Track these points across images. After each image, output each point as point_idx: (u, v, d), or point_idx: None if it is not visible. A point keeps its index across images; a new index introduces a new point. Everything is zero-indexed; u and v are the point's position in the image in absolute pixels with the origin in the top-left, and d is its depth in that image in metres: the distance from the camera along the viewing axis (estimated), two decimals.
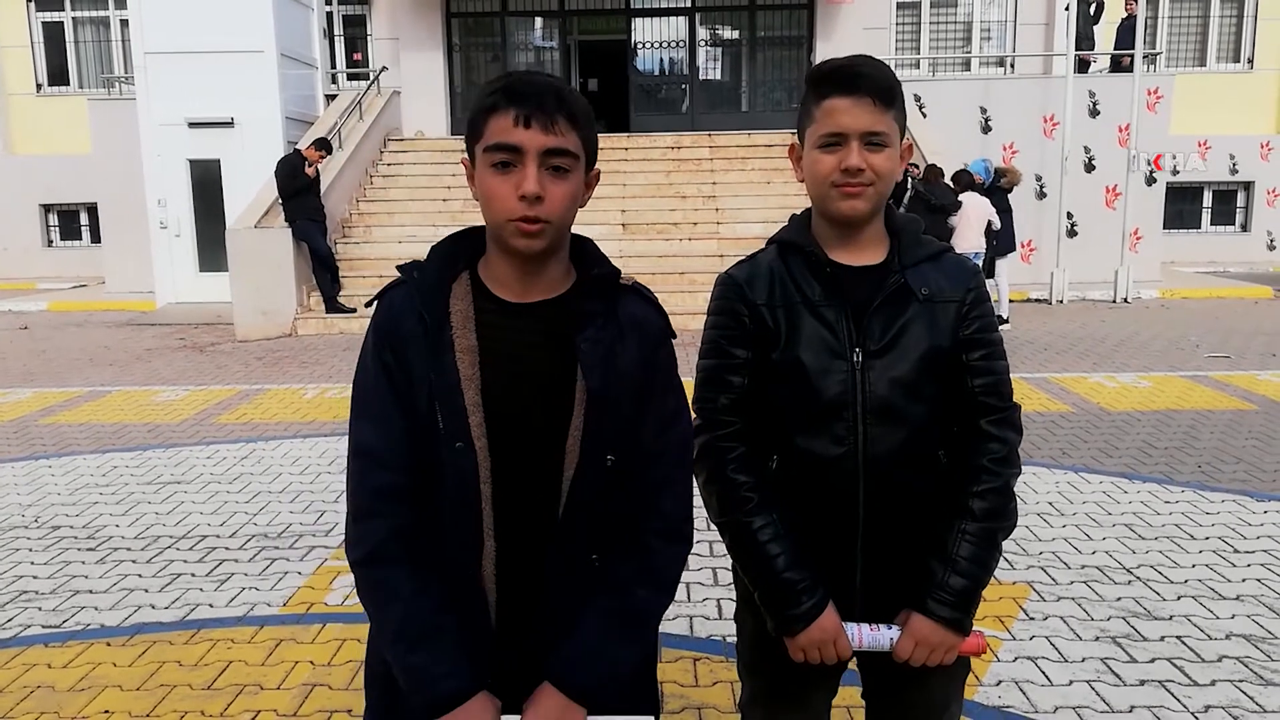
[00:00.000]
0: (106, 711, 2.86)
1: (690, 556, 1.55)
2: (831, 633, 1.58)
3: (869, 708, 1.84)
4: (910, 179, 9.71)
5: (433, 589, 1.39)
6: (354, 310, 10.57)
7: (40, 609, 3.60)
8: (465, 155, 1.44)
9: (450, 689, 1.35)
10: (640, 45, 15.45)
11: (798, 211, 1.72)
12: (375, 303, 1.45)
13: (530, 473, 1.40)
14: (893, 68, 1.62)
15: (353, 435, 1.44)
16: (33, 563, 4.06)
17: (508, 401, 1.39)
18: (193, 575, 3.89)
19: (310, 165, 10.51)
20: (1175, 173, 13.40)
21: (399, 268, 1.45)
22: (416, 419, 1.39)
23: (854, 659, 1.68)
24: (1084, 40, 13.30)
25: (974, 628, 1.62)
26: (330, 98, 13.89)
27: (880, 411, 1.58)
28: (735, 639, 1.88)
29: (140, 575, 3.90)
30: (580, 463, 1.40)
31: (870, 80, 1.53)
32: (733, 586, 1.88)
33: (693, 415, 1.66)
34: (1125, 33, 13.29)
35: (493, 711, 1.36)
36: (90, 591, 3.75)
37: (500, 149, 1.33)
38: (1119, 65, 13.38)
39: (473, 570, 1.41)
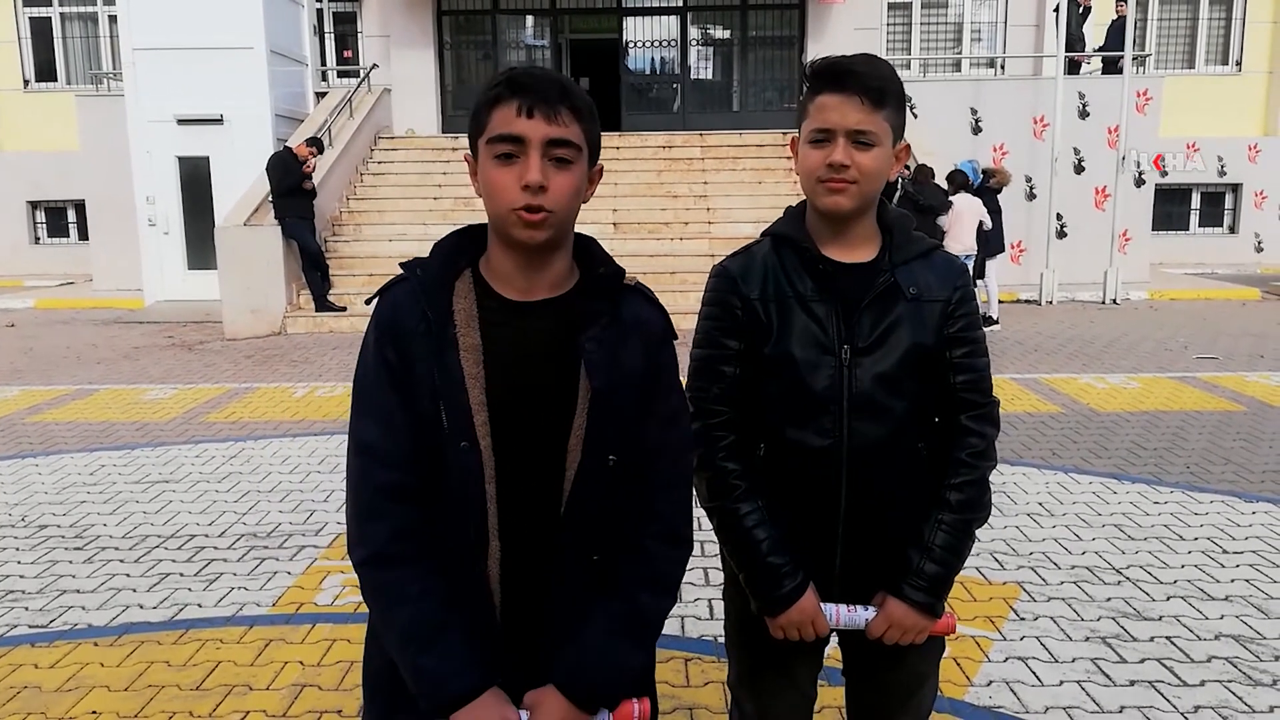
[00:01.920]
0: (94, 712, 2.84)
1: None
2: (810, 613, 1.66)
3: (849, 685, 1.91)
4: (900, 179, 9.72)
5: (439, 589, 1.38)
6: (344, 309, 10.53)
7: (27, 609, 3.57)
8: (468, 151, 1.44)
9: (461, 688, 1.35)
10: (632, 44, 15.45)
11: (792, 206, 1.76)
12: (376, 299, 1.44)
13: (533, 472, 1.40)
14: None
15: (354, 433, 1.43)
16: (20, 562, 4.03)
17: (512, 400, 1.39)
18: (181, 575, 3.87)
19: (307, 172, 10.45)
20: (1164, 174, 13.47)
21: (402, 265, 1.44)
22: (419, 417, 1.38)
23: (835, 636, 1.77)
24: (1075, 42, 13.35)
25: (946, 610, 1.70)
26: (320, 95, 13.85)
27: (865, 406, 1.63)
28: (724, 640, 1.94)
29: (128, 575, 3.88)
30: (582, 462, 1.40)
31: (861, 79, 1.55)
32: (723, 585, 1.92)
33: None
34: (1115, 34, 13.34)
35: (505, 705, 1.37)
36: (78, 591, 3.72)
37: (503, 140, 1.33)
38: (1110, 66, 13.43)
39: (479, 569, 1.40)
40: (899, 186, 9.67)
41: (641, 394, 1.43)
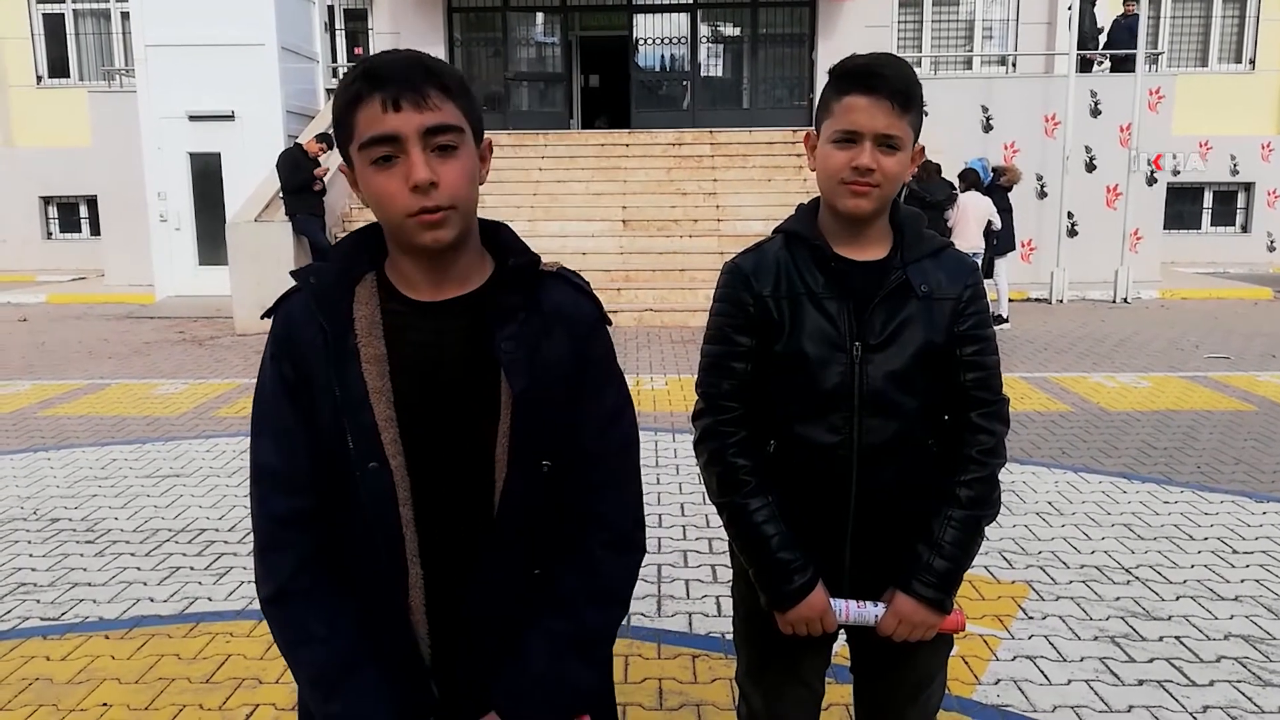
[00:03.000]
0: (105, 704, 2.86)
1: (690, 554, 1.56)
2: (819, 609, 1.66)
3: (857, 682, 1.90)
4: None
5: (349, 626, 1.27)
6: None
7: (39, 601, 3.60)
8: (342, 163, 1.29)
9: None
10: (642, 41, 15.42)
11: (804, 203, 1.76)
12: (271, 315, 1.32)
13: (457, 489, 1.28)
14: None
15: (252, 456, 1.31)
16: (31, 555, 4.05)
17: (425, 413, 1.26)
18: (191, 568, 3.89)
19: (319, 170, 10.47)
20: (1176, 173, 13.39)
21: (292, 273, 1.33)
22: (322, 437, 1.26)
23: (842, 632, 1.77)
24: (1088, 40, 13.29)
25: (955, 606, 1.69)
26: (331, 91, 13.85)
27: (876, 403, 1.63)
28: (732, 635, 1.95)
29: (139, 568, 3.90)
30: (511, 472, 1.28)
31: (891, 82, 1.55)
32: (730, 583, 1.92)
33: (696, 399, 1.74)
34: (1121, 31, 13.25)
35: None
36: (89, 584, 3.75)
37: (377, 142, 1.19)
38: (1118, 64, 13.35)
39: (398, 601, 1.28)
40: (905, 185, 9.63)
41: (572, 391, 1.31)
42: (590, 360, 1.34)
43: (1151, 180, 12.96)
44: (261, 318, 1.36)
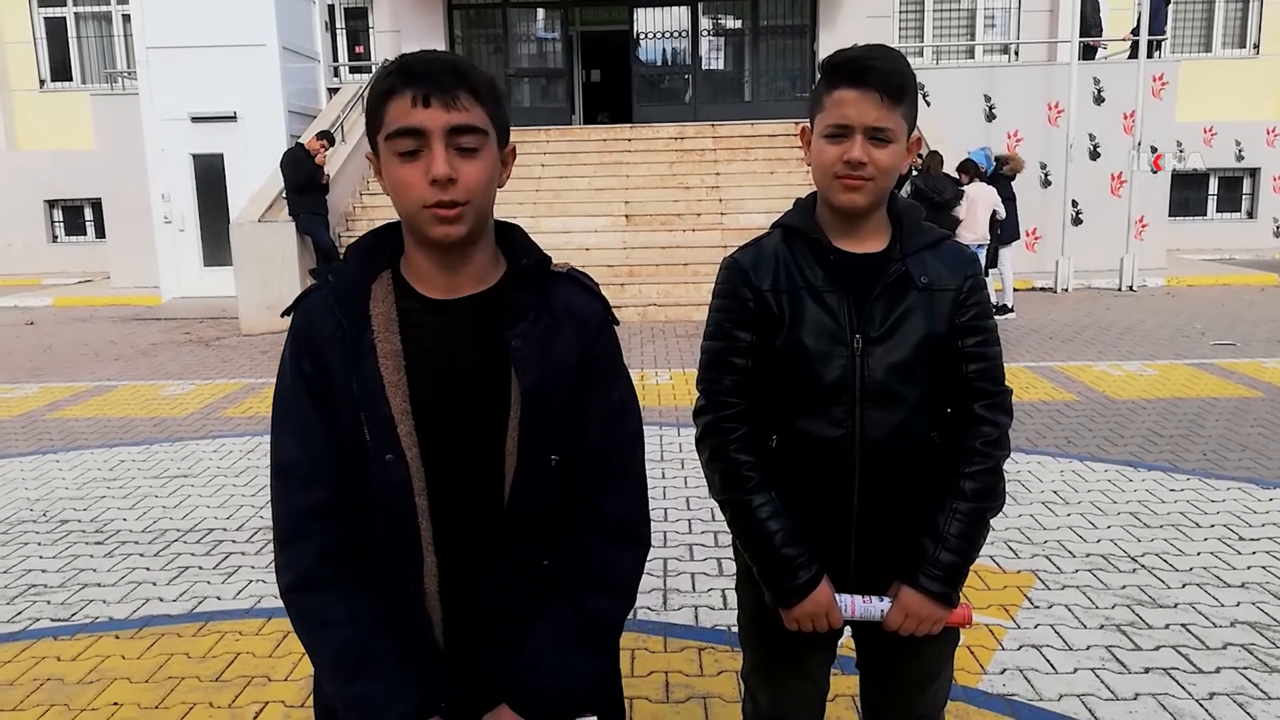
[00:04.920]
0: (115, 703, 2.88)
1: (695, 547, 1.57)
2: (825, 605, 1.66)
3: (863, 677, 1.90)
4: (911, 168, 9.64)
5: (368, 612, 1.32)
6: None
7: (49, 602, 3.62)
8: (369, 151, 1.35)
9: (395, 717, 1.29)
10: (642, 35, 15.39)
11: (801, 197, 1.76)
12: (292, 312, 1.37)
13: (469, 480, 1.33)
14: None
15: (274, 451, 1.36)
16: (41, 556, 4.08)
17: (438, 407, 1.31)
18: (200, 568, 3.91)
19: (319, 164, 10.48)
20: (1181, 160, 13.31)
21: (311, 271, 1.37)
22: (341, 430, 1.31)
23: (848, 627, 1.76)
24: (1090, 27, 13.22)
25: (961, 600, 1.69)
26: (333, 91, 13.87)
27: (878, 396, 1.63)
28: (738, 632, 1.94)
29: (148, 568, 3.92)
30: (520, 465, 1.32)
31: (880, 75, 1.55)
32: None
33: (697, 395, 1.73)
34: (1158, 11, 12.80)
35: None
36: (98, 585, 3.77)
37: (403, 134, 1.25)
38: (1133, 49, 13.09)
39: (414, 587, 1.33)
40: (909, 180, 9.59)
41: (579, 388, 1.36)
42: (597, 358, 1.38)
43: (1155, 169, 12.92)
44: (281, 315, 1.40)
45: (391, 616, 1.33)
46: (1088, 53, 13.38)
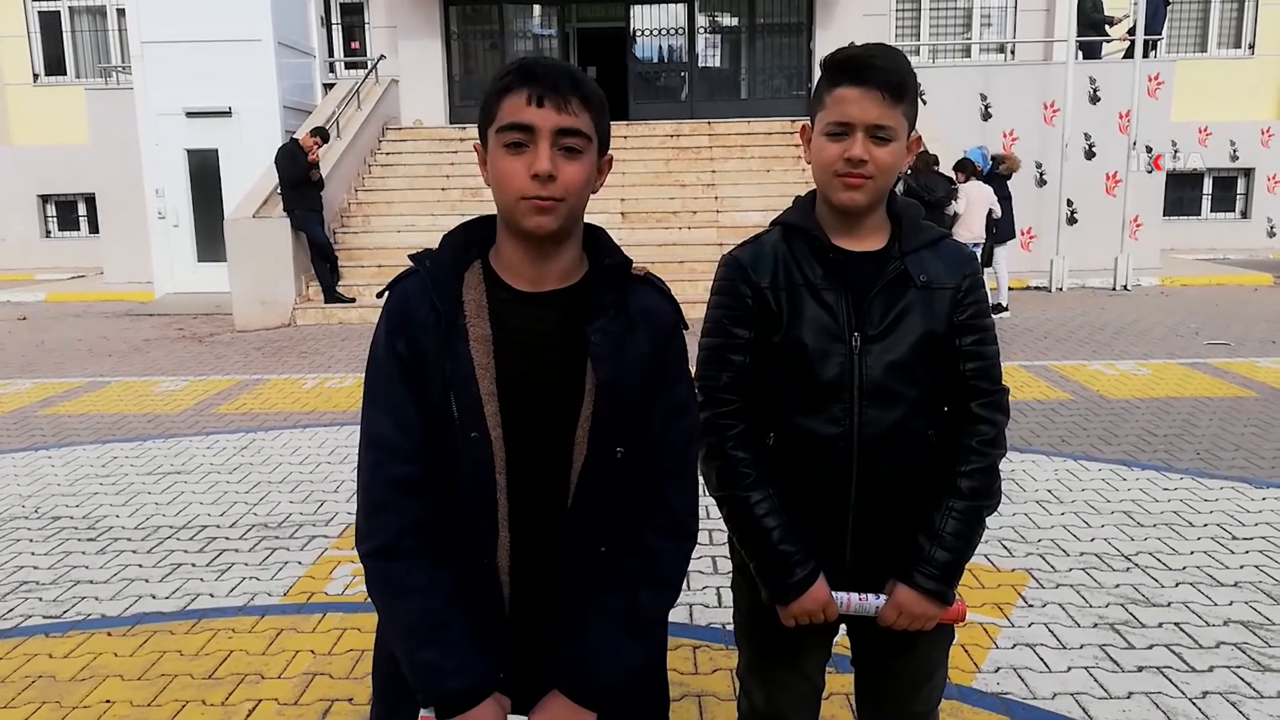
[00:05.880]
0: (108, 701, 2.87)
1: None
2: (821, 601, 1.66)
3: (858, 673, 1.90)
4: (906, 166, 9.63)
5: (445, 583, 1.38)
6: (353, 300, 10.56)
7: (41, 599, 3.61)
8: (477, 141, 1.43)
9: (460, 686, 1.34)
10: (639, 33, 15.37)
11: (801, 195, 1.75)
12: (387, 292, 1.44)
13: (541, 463, 1.40)
14: None
15: (366, 426, 1.42)
16: (33, 553, 4.06)
17: (522, 391, 1.38)
18: (193, 565, 3.90)
19: (313, 160, 10.45)
20: (1175, 158, 13.33)
21: (411, 256, 1.44)
22: (431, 409, 1.38)
23: (843, 625, 1.77)
24: (1087, 27, 13.22)
25: (956, 597, 1.69)
26: (328, 86, 13.85)
27: (876, 394, 1.63)
28: (733, 630, 1.94)
29: (141, 565, 3.91)
30: (589, 454, 1.39)
31: (882, 73, 1.55)
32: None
33: (695, 392, 1.71)
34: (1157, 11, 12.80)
35: (500, 716, 1.37)
36: (91, 582, 3.76)
37: (513, 129, 1.32)
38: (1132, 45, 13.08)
39: (489, 560, 1.40)
40: (900, 179, 9.58)
41: (649, 384, 1.43)
42: (667, 359, 1.46)
43: (1151, 170, 12.94)
44: (377, 295, 1.48)
45: (466, 588, 1.39)
46: (1091, 50, 13.36)
